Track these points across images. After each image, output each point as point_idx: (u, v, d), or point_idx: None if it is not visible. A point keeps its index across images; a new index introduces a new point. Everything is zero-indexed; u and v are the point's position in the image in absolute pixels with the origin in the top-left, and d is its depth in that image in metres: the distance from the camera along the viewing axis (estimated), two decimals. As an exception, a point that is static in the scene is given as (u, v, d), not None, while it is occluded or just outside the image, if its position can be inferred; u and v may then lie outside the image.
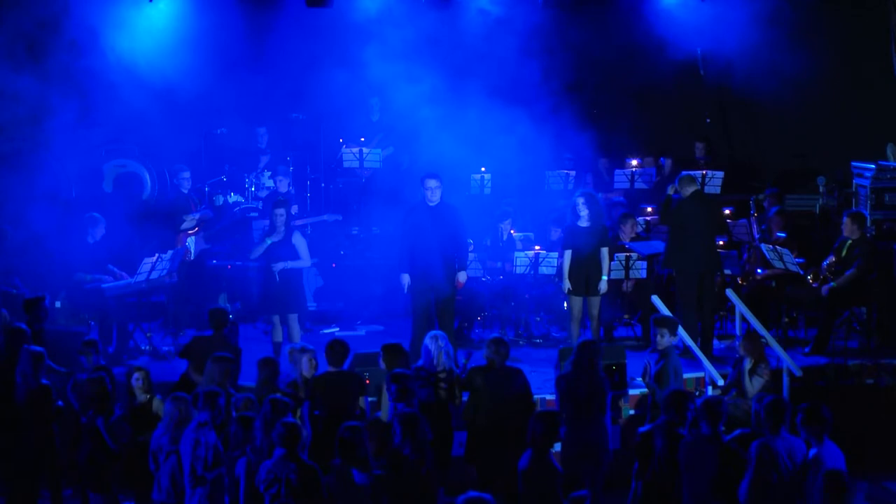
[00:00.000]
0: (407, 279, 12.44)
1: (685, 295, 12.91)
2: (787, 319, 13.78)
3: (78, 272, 13.12)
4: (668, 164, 16.62)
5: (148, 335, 13.67)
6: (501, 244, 14.30)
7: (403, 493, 8.57)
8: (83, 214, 13.72)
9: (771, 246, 13.33)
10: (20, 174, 14.51)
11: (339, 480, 8.50)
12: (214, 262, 15.21)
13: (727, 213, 14.85)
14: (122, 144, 16.56)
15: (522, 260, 13.41)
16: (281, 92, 16.62)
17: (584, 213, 12.79)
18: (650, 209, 15.45)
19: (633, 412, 11.61)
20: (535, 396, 10.74)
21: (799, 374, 11.85)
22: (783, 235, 14.06)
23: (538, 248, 13.65)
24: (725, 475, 8.65)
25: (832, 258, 13.20)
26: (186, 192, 14.87)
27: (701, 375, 11.97)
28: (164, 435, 9.49)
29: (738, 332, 12.70)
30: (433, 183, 12.35)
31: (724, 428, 8.98)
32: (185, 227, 14.55)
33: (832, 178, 16.05)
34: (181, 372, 11.45)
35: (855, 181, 14.71)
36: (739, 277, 14.14)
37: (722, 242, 14.10)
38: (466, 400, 10.32)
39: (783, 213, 14.31)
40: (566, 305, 13.38)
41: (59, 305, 13.21)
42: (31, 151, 14.96)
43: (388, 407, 9.83)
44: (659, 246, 13.87)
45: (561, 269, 12.95)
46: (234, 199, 16.19)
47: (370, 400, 10.73)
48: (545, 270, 13.42)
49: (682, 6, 16.57)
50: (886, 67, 16.22)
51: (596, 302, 12.84)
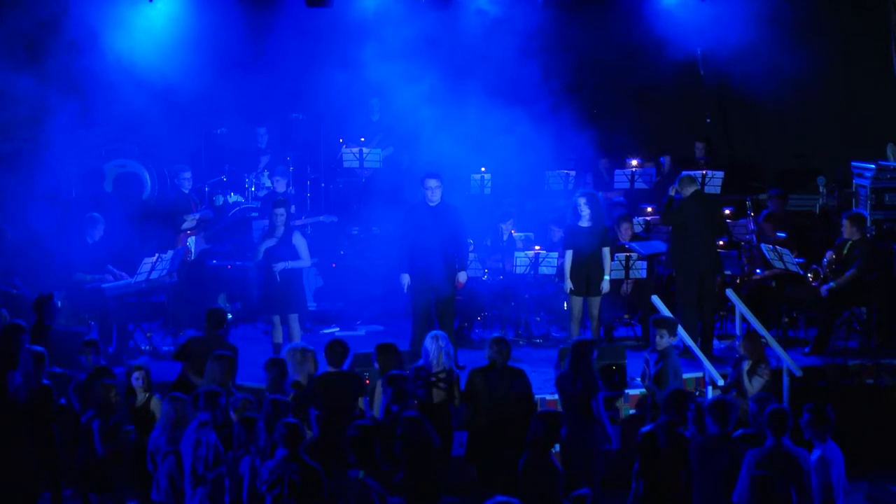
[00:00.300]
0: (407, 279, 12.44)
1: (685, 295, 12.91)
2: (787, 319, 13.78)
3: (78, 272, 13.12)
4: (668, 164, 16.60)
5: (148, 335, 13.67)
6: (502, 244, 14.30)
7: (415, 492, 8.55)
8: (83, 214, 13.72)
9: (771, 246, 13.32)
10: (20, 174, 14.51)
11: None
12: (214, 262, 15.21)
13: (727, 213, 14.83)
14: (122, 144, 16.56)
15: (522, 260, 13.41)
16: (281, 92, 16.62)
17: (585, 213, 12.79)
18: (650, 209, 15.44)
19: (633, 412, 11.61)
20: (535, 396, 10.75)
21: (799, 374, 11.84)
22: (783, 235, 14.06)
23: (538, 248, 13.65)
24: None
25: (832, 254, 13.19)
26: (187, 192, 14.87)
27: (701, 375, 11.96)
28: (160, 435, 9.50)
29: (738, 332, 12.69)
30: (433, 183, 12.35)
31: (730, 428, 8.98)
32: (185, 227, 14.55)
33: (832, 178, 16.04)
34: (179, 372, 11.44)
35: (855, 181, 14.70)
36: (739, 277, 14.14)
37: (722, 242, 14.10)
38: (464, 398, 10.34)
39: (773, 217, 14.22)
40: (566, 305, 13.39)
41: (59, 305, 13.19)
42: (31, 151, 14.96)
43: (380, 406, 9.83)
44: (659, 246, 13.86)
45: (562, 269, 12.95)
46: (234, 199, 16.19)
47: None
48: (545, 270, 13.42)
49: (682, 6, 16.57)
50: (886, 67, 16.22)
51: (596, 302, 12.84)
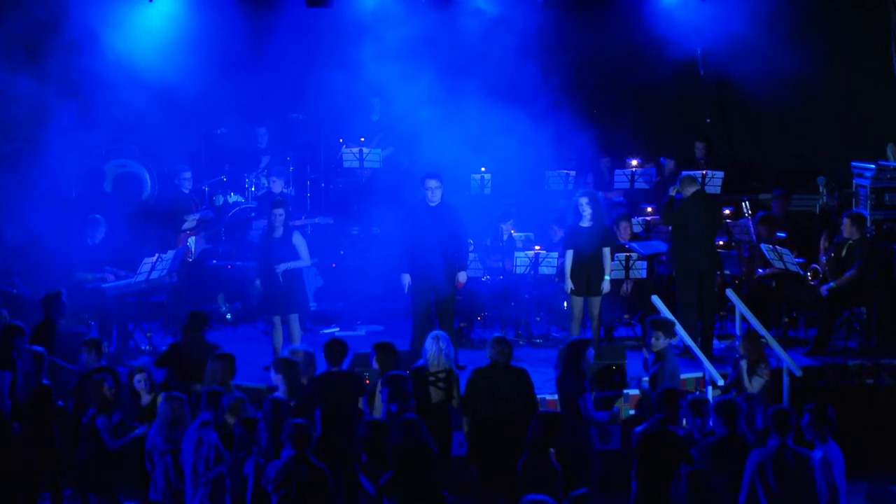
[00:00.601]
0: (407, 279, 12.44)
1: (685, 295, 12.90)
2: (787, 319, 13.77)
3: (78, 272, 13.12)
4: (668, 164, 16.60)
5: (148, 335, 13.67)
6: (502, 244, 14.29)
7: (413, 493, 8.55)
8: (83, 215, 13.72)
9: (771, 246, 13.32)
10: (20, 174, 14.53)
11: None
12: (214, 262, 15.21)
13: (727, 213, 14.83)
14: (121, 144, 16.57)
15: (522, 260, 13.40)
16: (281, 92, 16.63)
17: (586, 212, 12.76)
18: (650, 209, 15.44)
19: (633, 412, 11.60)
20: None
21: (799, 374, 11.83)
22: (783, 235, 14.06)
23: (538, 248, 13.65)
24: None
25: (831, 253, 13.19)
26: (187, 192, 14.87)
27: (701, 375, 11.96)
28: (157, 435, 9.49)
29: (738, 332, 12.66)
30: (433, 183, 12.35)
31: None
32: (185, 227, 14.55)
33: (832, 178, 16.03)
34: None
35: (855, 181, 14.69)
36: (739, 277, 14.13)
37: (722, 242, 14.09)
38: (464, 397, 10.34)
39: (767, 219, 14.18)
40: (566, 305, 13.38)
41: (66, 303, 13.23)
42: (30, 152, 14.98)
43: (380, 407, 9.83)
44: (659, 246, 13.86)
45: (562, 269, 12.94)
46: (234, 199, 16.19)
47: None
48: (545, 270, 13.41)
49: (681, 6, 16.58)
50: (886, 67, 16.21)
51: (597, 302, 12.83)
